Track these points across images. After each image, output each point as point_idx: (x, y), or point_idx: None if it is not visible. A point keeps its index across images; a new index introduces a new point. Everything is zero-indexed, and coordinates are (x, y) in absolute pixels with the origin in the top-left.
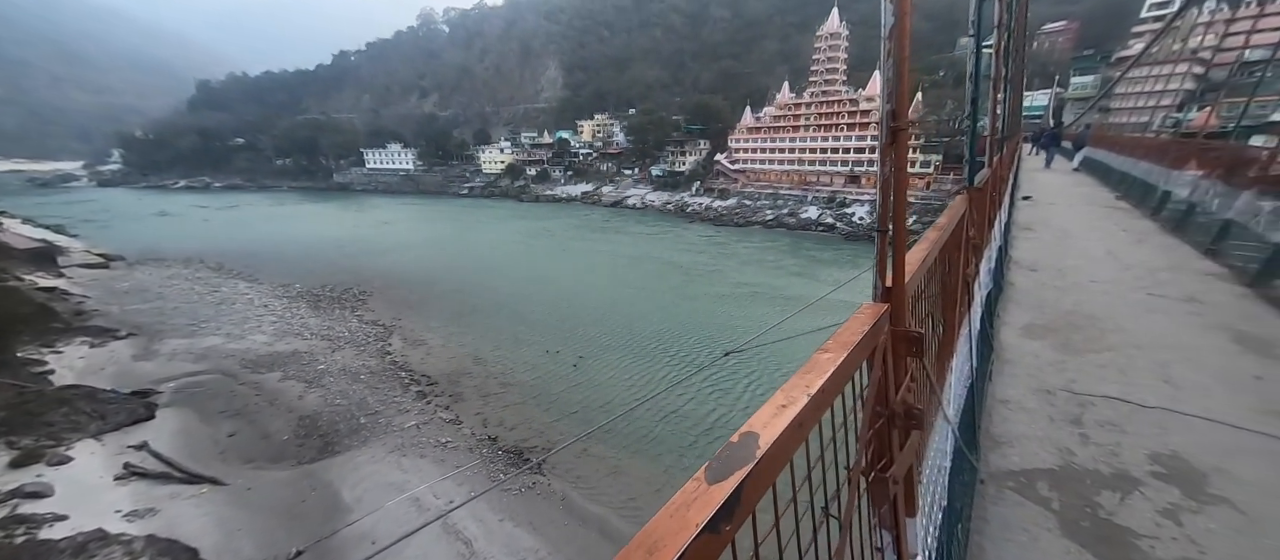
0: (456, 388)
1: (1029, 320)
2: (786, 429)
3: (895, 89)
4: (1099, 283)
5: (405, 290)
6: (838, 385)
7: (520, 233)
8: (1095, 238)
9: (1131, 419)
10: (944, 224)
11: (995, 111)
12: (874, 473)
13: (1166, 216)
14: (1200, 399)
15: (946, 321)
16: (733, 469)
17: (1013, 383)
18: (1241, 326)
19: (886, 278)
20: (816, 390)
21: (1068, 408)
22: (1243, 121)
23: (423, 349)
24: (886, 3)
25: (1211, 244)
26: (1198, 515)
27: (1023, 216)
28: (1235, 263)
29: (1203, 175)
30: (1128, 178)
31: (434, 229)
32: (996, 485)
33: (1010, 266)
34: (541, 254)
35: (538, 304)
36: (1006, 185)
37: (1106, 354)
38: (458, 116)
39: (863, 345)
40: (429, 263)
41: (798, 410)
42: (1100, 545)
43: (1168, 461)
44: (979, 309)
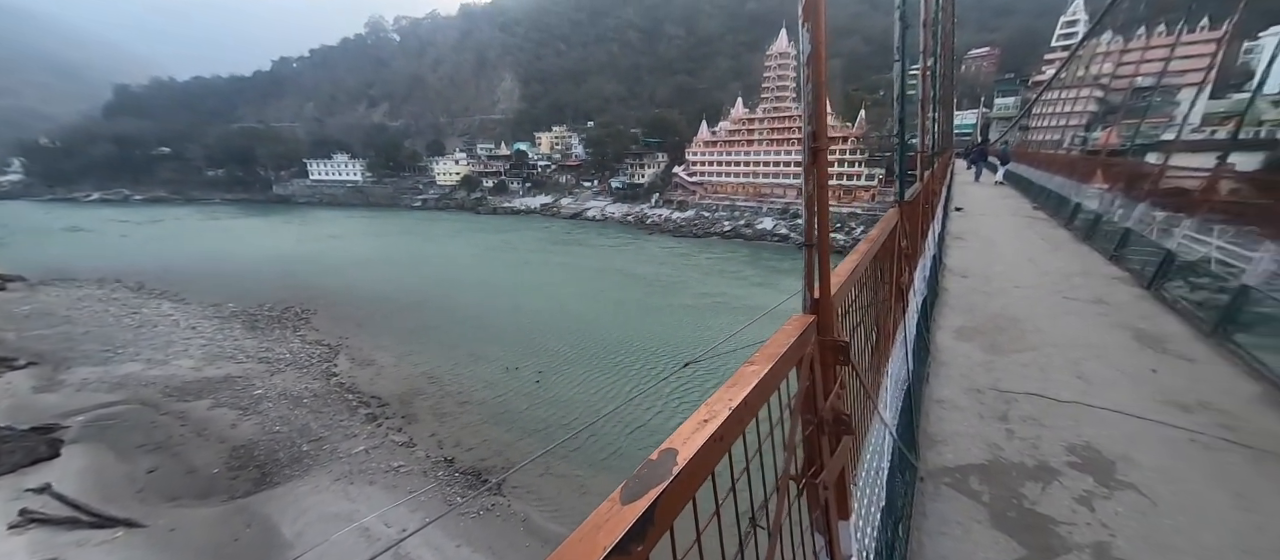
0: (409, 408)
1: (961, 323)
2: (707, 443)
3: (814, 111)
4: (1021, 287)
5: (353, 307)
6: (763, 396)
7: (478, 246)
8: (1017, 246)
9: (1049, 413)
10: (875, 236)
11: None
12: (805, 479)
13: (1078, 226)
14: (1108, 392)
15: (882, 328)
16: (647, 488)
17: (947, 383)
18: (1140, 325)
19: (814, 289)
20: (739, 403)
21: (995, 405)
22: (1137, 140)
23: (372, 369)
24: (803, 31)
25: (1115, 250)
26: (1108, 500)
27: (955, 227)
28: (1134, 267)
29: (1106, 189)
30: (1044, 191)
31: (385, 243)
32: (934, 482)
33: (944, 274)
34: (500, 268)
35: (497, 319)
36: (939, 198)
37: (1028, 353)
38: (409, 127)
39: (789, 356)
40: (379, 278)
41: (719, 424)
42: (1025, 534)
43: (1082, 452)
44: (915, 314)
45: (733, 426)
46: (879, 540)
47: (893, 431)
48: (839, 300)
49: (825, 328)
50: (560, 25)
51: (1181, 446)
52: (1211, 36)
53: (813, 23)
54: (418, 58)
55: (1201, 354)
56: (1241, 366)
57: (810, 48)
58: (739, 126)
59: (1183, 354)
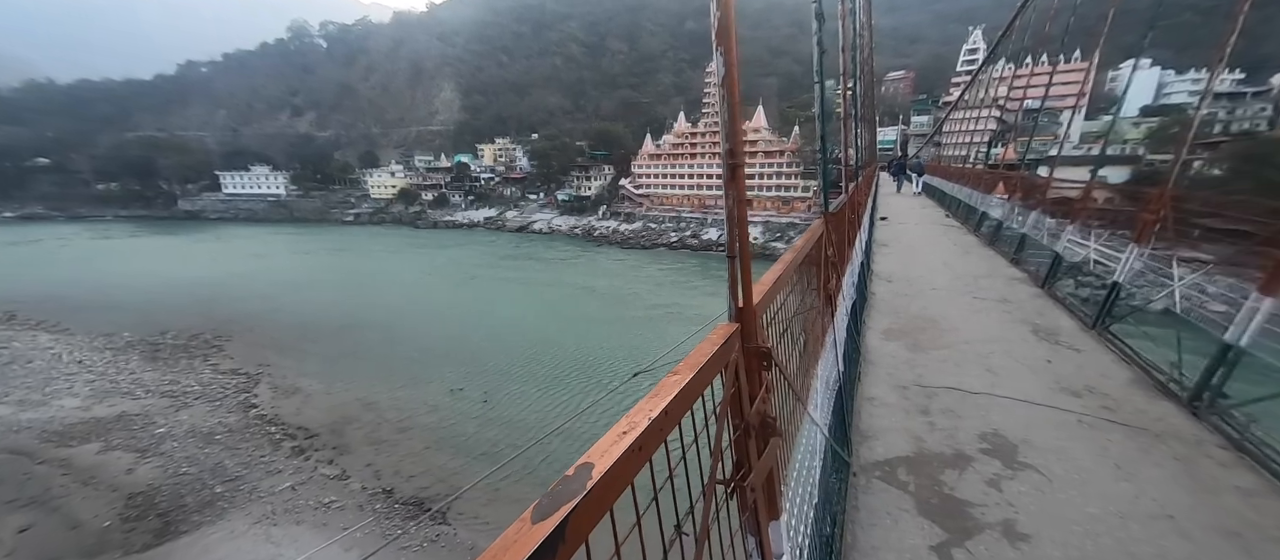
0: (341, 438)
1: (888, 325)
2: (625, 454)
3: (731, 129)
4: (938, 290)
5: (276, 332)
6: (685, 405)
7: (419, 262)
8: (934, 251)
9: (964, 404)
10: (800, 245)
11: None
12: (734, 482)
13: (984, 232)
14: (1012, 382)
15: (811, 332)
16: (559, 504)
17: (877, 381)
18: (1037, 320)
19: (738, 299)
20: (659, 413)
21: (918, 400)
22: (1029, 156)
23: (298, 398)
24: (717, 55)
25: (1014, 254)
26: (1012, 481)
27: (881, 235)
28: (1031, 269)
29: (1005, 199)
30: (956, 201)
31: (314, 262)
32: (866, 476)
33: (872, 279)
34: (444, 284)
35: (441, 339)
36: (865, 208)
37: (945, 350)
38: (339, 137)
39: (712, 364)
40: (308, 299)
41: (638, 434)
42: (946, 518)
43: (991, 438)
44: (845, 318)
45: (653, 436)
46: (815, 536)
47: (824, 431)
48: (765, 308)
49: (749, 335)
50: (501, 37)
51: (1072, 428)
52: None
53: (725, 47)
54: (348, 65)
55: (1086, 345)
56: (1118, 354)
57: (724, 70)
58: (682, 140)
59: (1071, 345)
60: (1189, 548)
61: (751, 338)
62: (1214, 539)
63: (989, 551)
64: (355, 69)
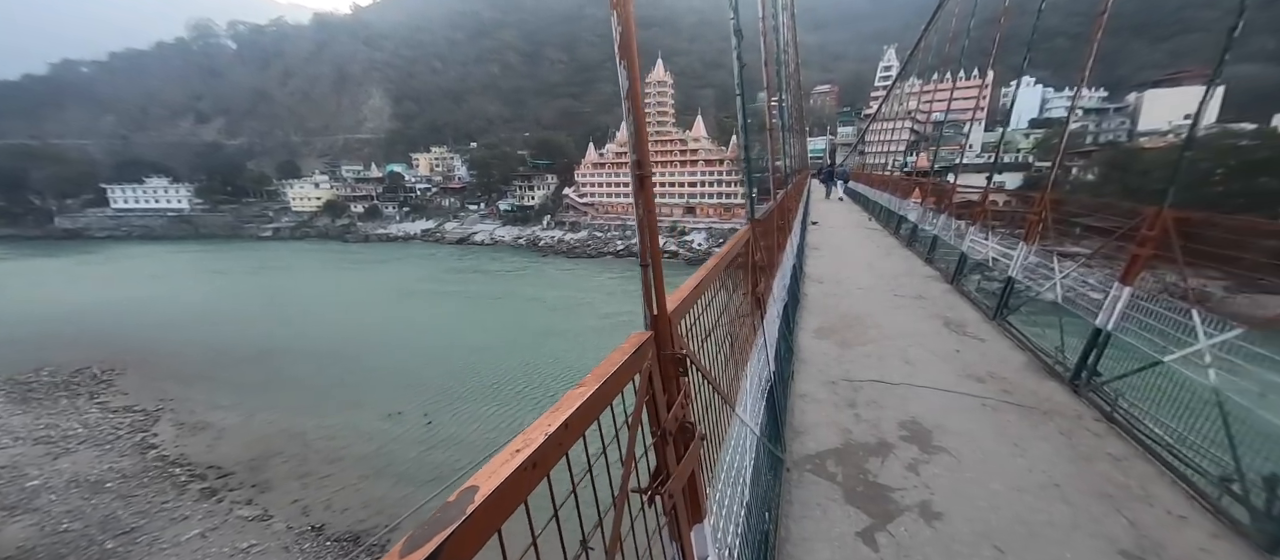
0: (262, 475)
1: (819, 324)
2: (516, 473)
3: (637, 141)
4: (863, 289)
5: (180, 362)
6: (588, 418)
7: (351, 278)
8: (860, 253)
9: (886, 396)
10: (725, 252)
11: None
12: (651, 490)
13: (902, 235)
14: (927, 372)
15: (739, 335)
16: (432, 534)
17: (809, 378)
18: (948, 314)
19: (652, 307)
20: (558, 427)
21: (846, 393)
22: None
23: (208, 433)
24: (620, 69)
25: (928, 254)
26: (928, 464)
27: (813, 238)
28: (941, 267)
29: (918, 204)
30: (877, 206)
31: (228, 282)
32: (799, 470)
33: (804, 281)
34: (381, 301)
35: (378, 360)
36: (796, 214)
37: (870, 345)
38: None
39: (620, 374)
40: (220, 324)
41: (532, 451)
42: (870, 504)
43: (910, 426)
44: (776, 320)
45: (551, 452)
46: (748, 533)
47: (755, 429)
48: (684, 314)
49: (665, 342)
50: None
51: (977, 411)
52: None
53: (628, 61)
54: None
55: (989, 334)
56: (1014, 342)
57: (627, 84)
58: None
59: (976, 335)
60: (1071, 511)
61: (667, 345)
62: (1091, 502)
63: (908, 532)
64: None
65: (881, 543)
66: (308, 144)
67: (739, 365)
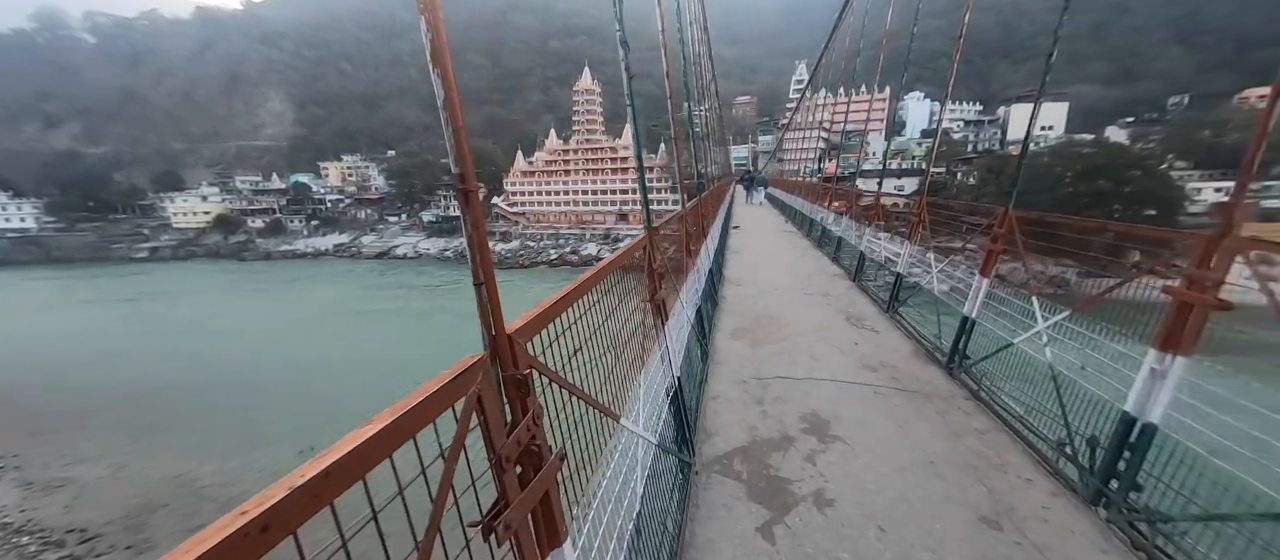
0: (142, 533)
1: (735, 325)
2: (230, 540)
3: (458, 154)
4: (778, 289)
5: (27, 410)
6: (372, 459)
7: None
8: (776, 255)
9: (791, 390)
10: (611, 261)
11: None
12: (485, 523)
13: (814, 236)
14: (829, 365)
15: (632, 344)
16: None
17: (722, 379)
18: (849, 309)
19: (490, 327)
20: (315, 477)
21: (755, 391)
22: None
23: (68, 491)
24: (434, 76)
25: (835, 254)
26: (824, 453)
27: (733, 242)
28: (846, 265)
29: (826, 207)
30: (793, 210)
31: (91, 314)
32: (707, 472)
33: (724, 283)
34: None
35: (290, 391)
36: (713, 219)
37: (780, 343)
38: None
39: (427, 407)
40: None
41: (263, 511)
42: (770, 498)
43: (810, 418)
44: (687, 325)
45: (294, 510)
46: (646, 542)
47: (650, 438)
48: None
49: (506, 363)
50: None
51: (870, 399)
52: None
53: (441, 68)
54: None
55: (883, 326)
56: (904, 332)
57: (443, 92)
58: (555, 157)
59: (872, 328)
60: (943, 485)
61: (508, 365)
62: (959, 474)
63: (802, 521)
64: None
65: (778, 535)
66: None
67: (632, 374)
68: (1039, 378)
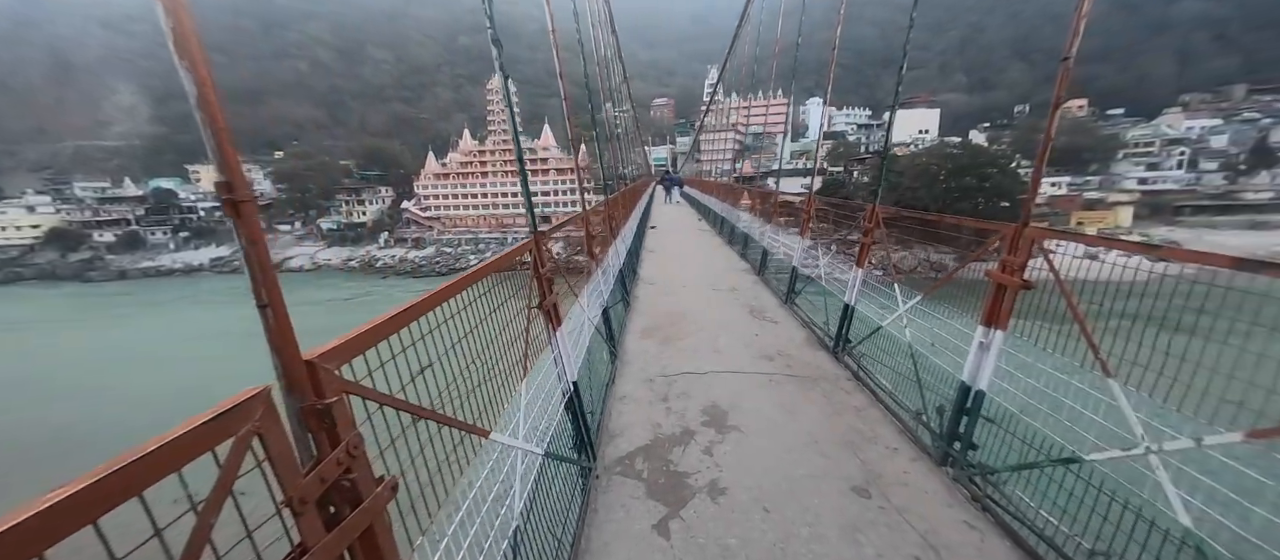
0: None
1: (646, 324)
2: None
3: (222, 160)
4: (689, 286)
5: None
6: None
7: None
8: (690, 253)
9: (695, 385)
10: (482, 269)
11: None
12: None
13: (725, 234)
14: (731, 357)
15: (509, 354)
16: None
17: (630, 379)
18: (753, 302)
19: (280, 353)
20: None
21: (661, 389)
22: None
23: None
24: (183, 71)
25: (742, 250)
26: (721, 444)
27: (650, 242)
28: (753, 261)
29: (733, 205)
30: (706, 209)
31: None
32: (608, 475)
33: (638, 283)
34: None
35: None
36: (625, 220)
37: (689, 339)
38: None
39: (173, 453)
40: None
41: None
42: (668, 494)
43: (710, 410)
44: (589, 328)
45: None
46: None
47: (536, 449)
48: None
49: (303, 393)
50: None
51: (765, 387)
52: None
53: (189, 62)
54: None
55: (782, 317)
56: (799, 321)
57: (195, 89)
58: (471, 158)
59: (772, 319)
60: (824, 462)
61: (307, 395)
62: (838, 450)
63: (696, 513)
64: None
65: (674, 529)
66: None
67: (511, 385)
68: (903, 356)
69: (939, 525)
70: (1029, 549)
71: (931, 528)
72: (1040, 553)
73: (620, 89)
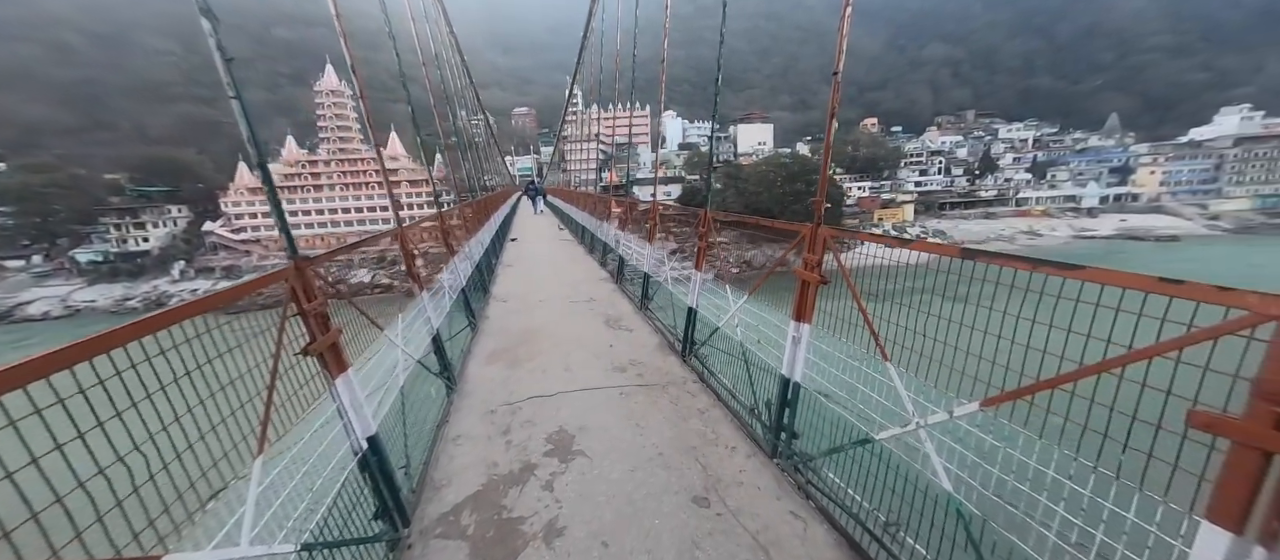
0: None
1: (494, 347)
2: None
3: None
4: (546, 301)
5: None
6: None
7: None
8: (550, 265)
9: (542, 410)
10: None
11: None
12: None
13: (587, 243)
14: (583, 374)
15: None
16: None
17: (468, 414)
18: (609, 312)
19: None
20: None
21: (503, 420)
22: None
23: None
24: None
25: (602, 259)
26: (564, 475)
27: (508, 256)
28: (612, 270)
29: (592, 214)
30: (570, 219)
31: None
32: (424, 542)
33: (490, 302)
34: None
35: None
36: (476, 233)
37: (540, 359)
38: None
39: None
40: None
41: None
42: (497, 548)
43: (556, 437)
44: (401, 367)
45: None
46: None
47: (286, 547)
48: None
49: None
50: None
51: (615, 401)
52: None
53: None
54: None
55: (637, 324)
56: (653, 327)
57: None
58: (300, 170)
59: (628, 327)
60: (666, 475)
61: None
62: (681, 458)
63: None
64: None
65: None
66: None
67: (235, 466)
68: (737, 354)
69: (770, 521)
70: (842, 529)
71: (763, 525)
72: (851, 531)
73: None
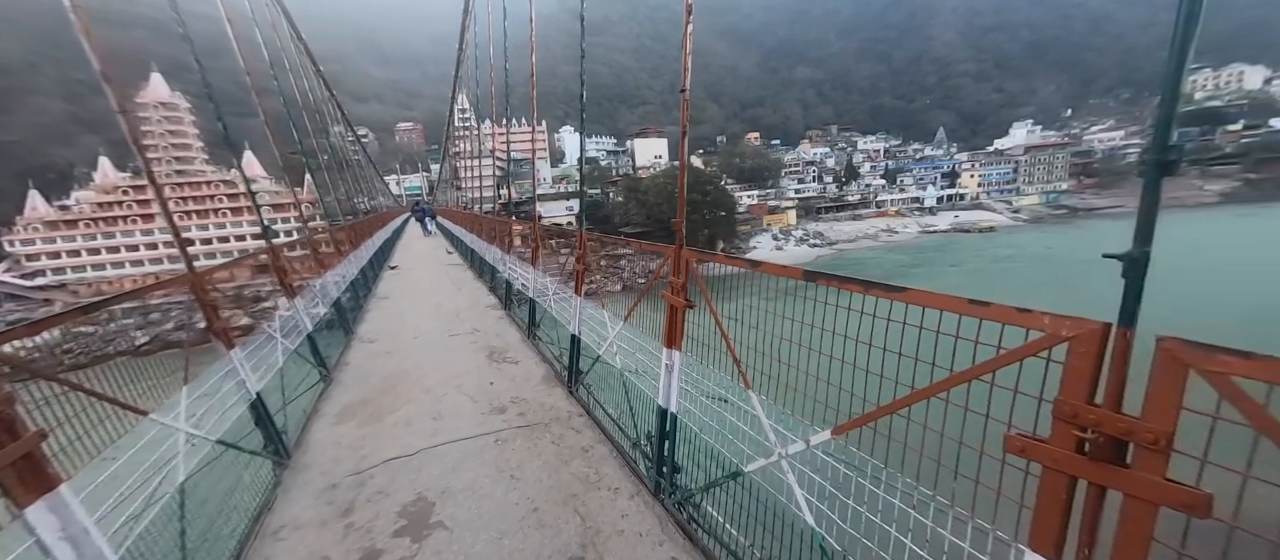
0: None
1: (348, 401)
2: None
3: None
4: (421, 335)
5: None
6: None
7: None
8: (431, 293)
9: (399, 475)
10: None
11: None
12: None
13: (476, 267)
14: (454, 423)
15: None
16: None
17: (299, 496)
18: (495, 343)
19: None
20: None
21: (347, 497)
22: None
23: None
24: None
25: (490, 284)
26: (417, 557)
27: (386, 287)
28: (500, 295)
29: (482, 235)
30: (457, 239)
31: None
32: None
33: (351, 346)
34: None
35: None
36: (336, 266)
37: (405, 408)
38: None
39: None
40: None
41: None
42: None
43: (411, 510)
44: (187, 454)
45: None
46: None
47: None
48: None
49: None
50: None
51: (489, 451)
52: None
53: None
54: None
55: (523, 355)
56: (540, 357)
57: None
58: (122, 198)
59: (513, 359)
60: (541, 535)
61: None
62: (559, 511)
63: None
64: None
65: None
66: None
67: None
68: (619, 386)
69: None
70: None
71: None
72: None
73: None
